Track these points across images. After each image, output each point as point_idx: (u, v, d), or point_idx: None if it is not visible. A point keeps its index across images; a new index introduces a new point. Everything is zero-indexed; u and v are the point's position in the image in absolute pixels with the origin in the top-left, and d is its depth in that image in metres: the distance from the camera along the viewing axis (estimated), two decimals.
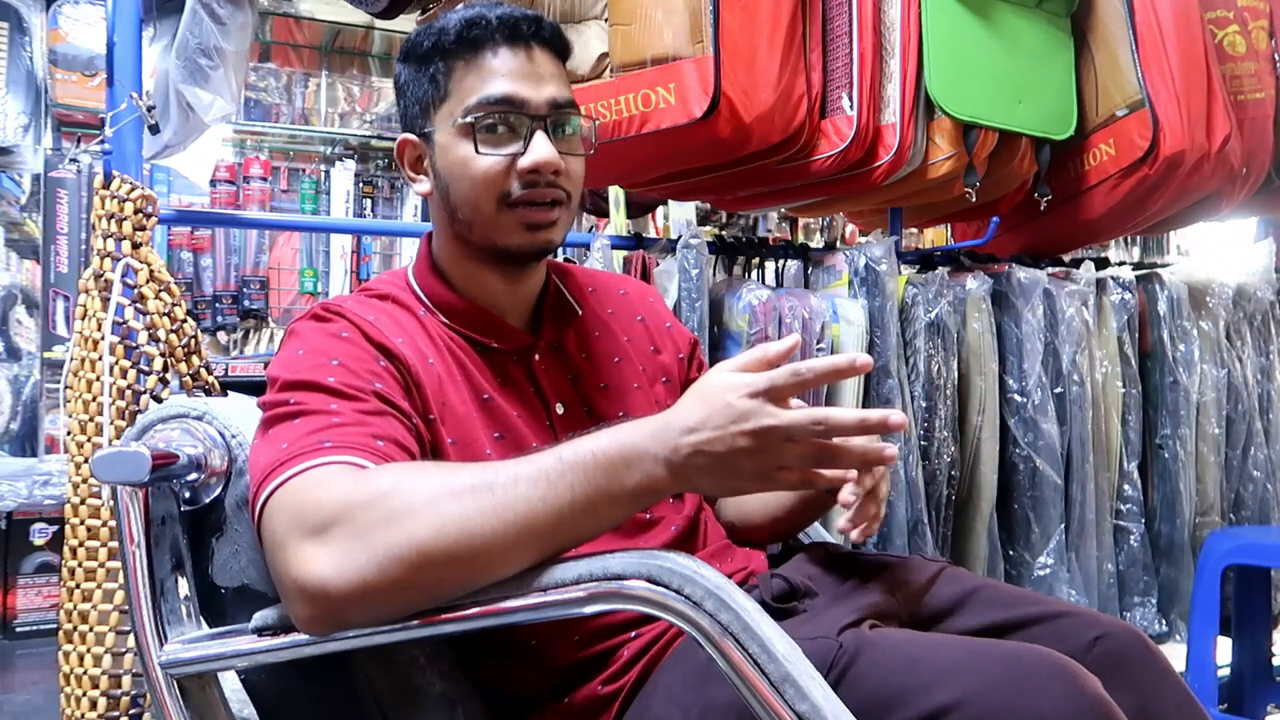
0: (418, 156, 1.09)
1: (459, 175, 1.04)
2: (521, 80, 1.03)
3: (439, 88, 1.04)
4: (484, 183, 1.02)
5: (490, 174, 1.02)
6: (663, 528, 1.08)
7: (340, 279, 3.71)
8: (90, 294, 1.36)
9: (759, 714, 0.74)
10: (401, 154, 1.11)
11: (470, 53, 1.03)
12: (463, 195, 1.04)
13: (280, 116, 3.86)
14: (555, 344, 1.12)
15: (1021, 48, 1.86)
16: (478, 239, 1.05)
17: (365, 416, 0.91)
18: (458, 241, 1.08)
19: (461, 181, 1.03)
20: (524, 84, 1.03)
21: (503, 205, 1.03)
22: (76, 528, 1.32)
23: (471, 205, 1.04)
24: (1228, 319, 2.22)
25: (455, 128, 1.03)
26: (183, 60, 1.51)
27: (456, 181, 1.04)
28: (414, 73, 1.07)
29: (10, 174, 2.76)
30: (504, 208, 1.03)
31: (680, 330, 1.26)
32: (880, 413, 0.79)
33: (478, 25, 1.02)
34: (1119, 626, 0.97)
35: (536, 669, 0.99)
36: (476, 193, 1.03)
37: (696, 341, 1.27)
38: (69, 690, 1.31)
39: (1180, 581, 2.08)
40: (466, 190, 1.03)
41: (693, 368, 1.24)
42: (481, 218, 1.04)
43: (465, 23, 1.03)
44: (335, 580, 0.80)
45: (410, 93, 1.08)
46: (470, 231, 1.05)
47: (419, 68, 1.06)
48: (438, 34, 1.04)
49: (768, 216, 3.80)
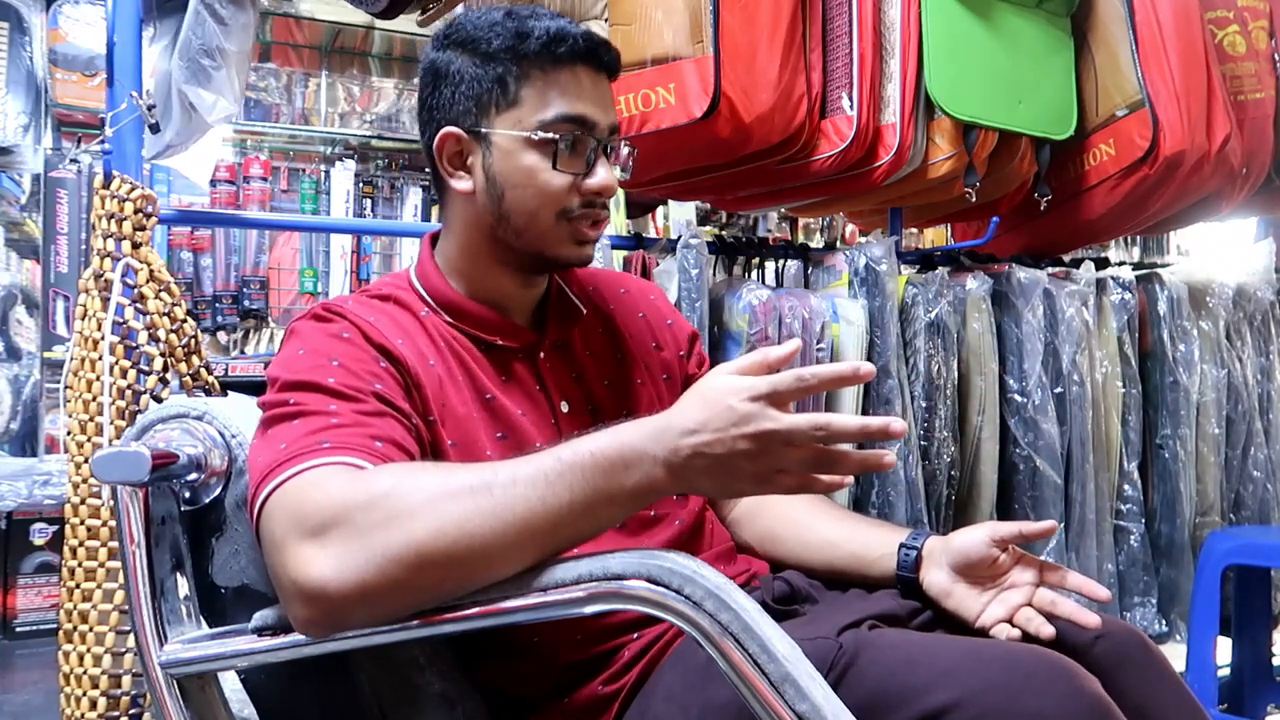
0: (460, 152, 1.07)
1: (522, 184, 1.03)
2: (595, 104, 1.05)
3: (508, 91, 1.03)
4: (549, 197, 1.03)
5: (557, 190, 1.03)
6: (666, 524, 1.08)
7: (340, 279, 3.71)
8: (90, 294, 1.36)
9: (759, 714, 0.74)
10: (442, 147, 1.07)
11: (553, 66, 1.03)
12: (521, 204, 1.04)
13: (280, 116, 3.86)
14: (560, 342, 1.13)
15: (1021, 48, 1.86)
16: (523, 245, 1.06)
17: (364, 417, 0.91)
18: (488, 241, 1.07)
19: (524, 190, 1.03)
20: (597, 108, 1.05)
21: (560, 219, 1.04)
22: (76, 528, 1.32)
23: (530, 215, 1.04)
24: (1228, 319, 2.22)
25: (525, 138, 1.03)
26: (185, 61, 1.51)
27: (518, 189, 1.04)
28: (475, 67, 1.04)
29: (10, 174, 2.76)
30: (561, 221, 1.04)
31: (681, 326, 1.26)
32: (881, 420, 0.79)
33: (565, 41, 1.03)
34: (1119, 626, 0.97)
35: (537, 669, 0.99)
36: (539, 204, 1.04)
37: (696, 335, 1.27)
38: (69, 690, 1.31)
39: (1180, 581, 2.08)
40: (528, 199, 1.04)
41: (692, 364, 1.24)
42: (538, 228, 1.04)
43: (552, 35, 1.02)
44: (334, 581, 0.80)
45: (463, 86, 1.05)
46: (517, 238, 1.05)
47: (482, 64, 1.04)
48: (514, 36, 1.03)
49: (768, 216, 3.80)
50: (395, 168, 3.89)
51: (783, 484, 0.81)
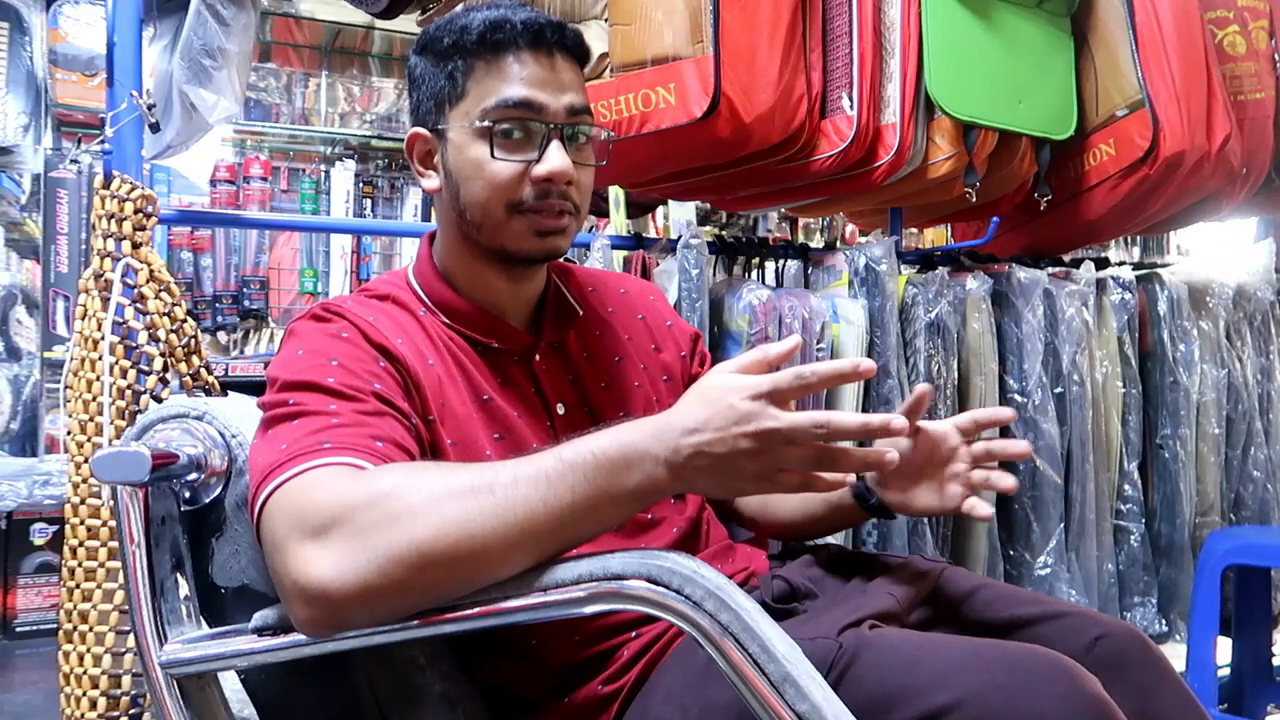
0: (428, 151, 1.08)
1: (471, 176, 1.03)
2: (542, 87, 1.02)
3: (456, 85, 1.04)
4: (497, 187, 1.02)
5: (504, 179, 1.02)
6: (664, 528, 1.08)
7: (340, 279, 3.71)
8: (90, 294, 1.36)
9: (759, 714, 0.74)
10: (411, 148, 1.09)
11: (492, 54, 1.02)
12: (473, 197, 1.03)
13: (280, 116, 3.86)
14: (556, 344, 1.12)
15: (1021, 48, 1.86)
16: (485, 241, 1.05)
17: (364, 417, 0.91)
18: (464, 240, 1.07)
19: (473, 183, 1.03)
20: (544, 91, 1.02)
21: (513, 211, 1.03)
22: (76, 528, 1.32)
23: (482, 207, 1.03)
24: (1228, 319, 2.22)
25: (471, 128, 1.02)
26: (187, 61, 1.51)
27: (468, 182, 1.04)
28: (431, 67, 1.06)
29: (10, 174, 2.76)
30: (514, 213, 1.03)
31: (682, 327, 1.26)
32: (882, 417, 0.79)
33: (502, 28, 1.02)
34: (1119, 626, 0.97)
35: (536, 669, 0.99)
36: (488, 196, 1.03)
37: (698, 336, 1.27)
38: (69, 690, 1.31)
39: (1180, 581, 2.08)
40: (478, 192, 1.03)
41: (695, 363, 1.24)
42: (491, 221, 1.04)
43: (489, 24, 1.02)
44: (335, 582, 0.80)
45: (425, 86, 1.06)
46: (478, 233, 1.05)
47: (437, 63, 1.05)
48: (459, 32, 1.03)
49: (768, 216, 3.80)
50: (395, 168, 3.90)
51: (784, 482, 0.81)
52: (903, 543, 1.74)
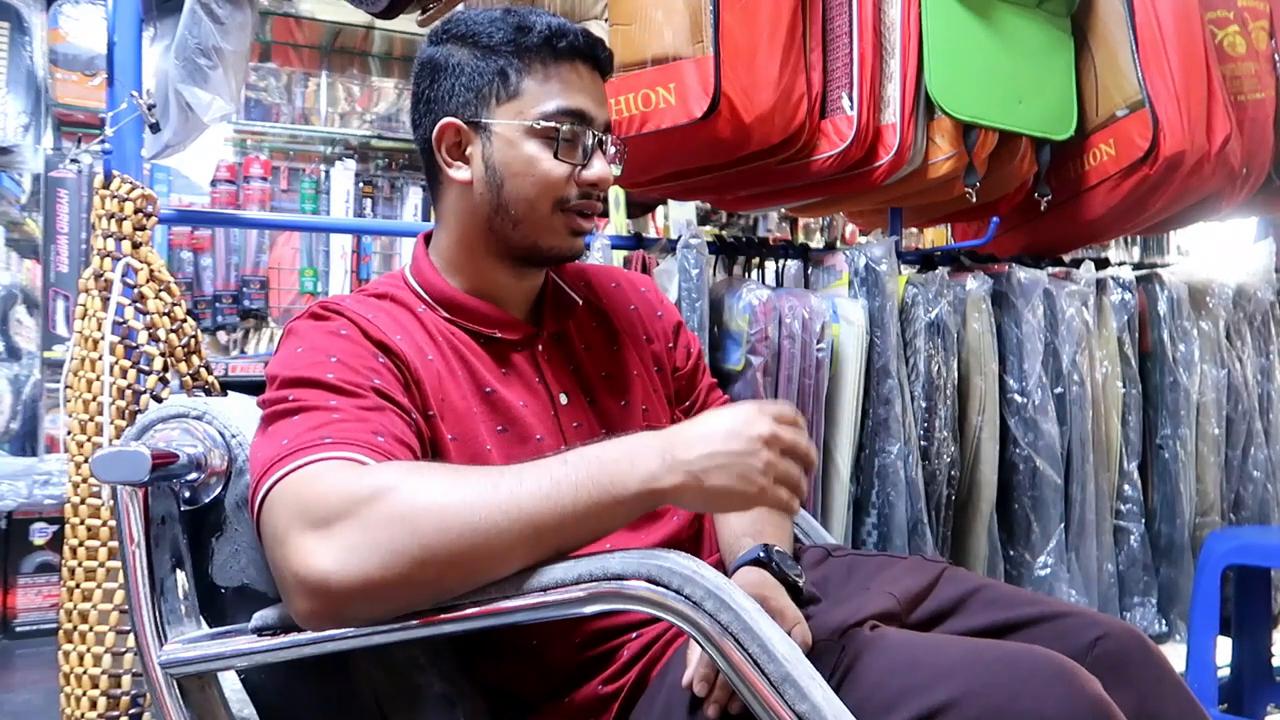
0: (459, 143, 1.08)
1: (521, 173, 1.05)
2: (593, 99, 1.08)
3: (509, 83, 1.05)
4: (549, 186, 1.05)
5: (557, 179, 1.05)
6: (666, 519, 1.09)
7: (340, 279, 3.71)
8: (90, 294, 1.36)
9: (759, 714, 0.75)
10: (440, 138, 1.07)
11: (554, 60, 1.05)
12: (520, 192, 1.05)
13: (280, 116, 3.86)
14: (557, 335, 1.14)
15: (1021, 48, 1.86)
16: (519, 235, 1.07)
17: (365, 412, 0.91)
18: (480, 234, 1.08)
19: (523, 179, 1.05)
20: (594, 103, 1.07)
21: (557, 209, 1.06)
22: (76, 527, 1.32)
23: (528, 203, 1.05)
24: (1228, 319, 2.22)
25: (526, 128, 1.04)
26: (181, 60, 1.51)
27: (516, 179, 1.05)
28: (475, 60, 1.06)
29: (10, 174, 2.76)
30: (558, 211, 1.06)
31: (669, 316, 1.26)
32: None
33: (566, 37, 1.06)
34: (1119, 627, 0.97)
35: (536, 669, 0.99)
36: (538, 192, 1.05)
37: (681, 324, 1.28)
38: (69, 690, 1.31)
39: (1180, 581, 2.08)
40: (528, 188, 1.05)
41: (678, 354, 1.24)
42: (535, 217, 1.06)
43: (553, 30, 1.05)
44: (337, 574, 0.80)
45: (463, 78, 1.06)
46: (514, 228, 1.06)
47: (484, 56, 1.06)
48: (515, 30, 1.05)
49: (768, 216, 3.80)
50: (395, 167, 3.90)
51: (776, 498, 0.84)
52: (903, 543, 1.74)
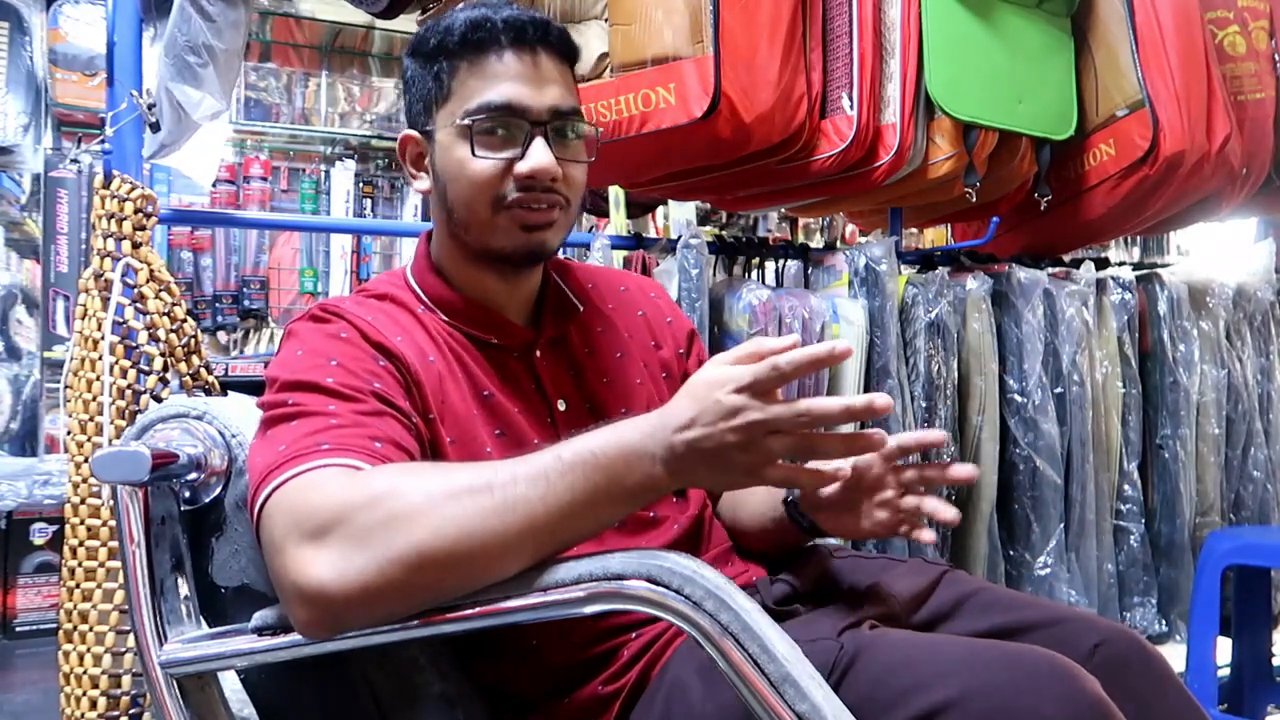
0: (419, 154, 1.09)
1: (456, 176, 1.04)
2: (524, 85, 1.03)
3: (442, 86, 1.05)
4: (479, 185, 1.03)
5: (485, 177, 1.02)
6: (665, 527, 1.08)
7: (340, 279, 3.71)
8: (90, 294, 1.36)
9: (759, 714, 0.74)
10: (404, 150, 1.10)
11: (474, 54, 1.03)
12: (459, 196, 1.04)
13: (280, 116, 3.86)
14: (556, 340, 1.12)
15: (1021, 48, 1.86)
16: (473, 241, 1.06)
17: (363, 417, 0.91)
18: (455, 240, 1.08)
19: (458, 182, 1.04)
20: (526, 89, 1.02)
21: (498, 208, 1.03)
22: (76, 527, 1.32)
23: (467, 206, 1.04)
24: (1228, 319, 2.22)
25: (455, 128, 1.03)
26: (171, 58, 1.50)
27: (453, 182, 1.04)
28: (419, 69, 1.07)
29: (10, 174, 2.76)
30: (499, 210, 1.03)
31: (680, 324, 1.26)
32: (865, 398, 0.78)
33: (483, 27, 1.02)
34: (1118, 632, 0.97)
35: (536, 669, 0.99)
36: (472, 194, 1.03)
37: (694, 332, 1.27)
38: (69, 690, 1.31)
39: (1180, 581, 2.08)
40: (462, 191, 1.04)
41: (691, 361, 1.23)
42: (477, 219, 1.04)
43: (471, 24, 1.03)
44: (334, 583, 0.80)
45: (415, 89, 1.08)
46: (466, 233, 1.06)
47: (424, 65, 1.06)
48: (443, 33, 1.04)
49: (768, 216, 3.80)
50: (395, 168, 3.90)
51: (771, 476, 0.82)
52: (903, 543, 1.74)
